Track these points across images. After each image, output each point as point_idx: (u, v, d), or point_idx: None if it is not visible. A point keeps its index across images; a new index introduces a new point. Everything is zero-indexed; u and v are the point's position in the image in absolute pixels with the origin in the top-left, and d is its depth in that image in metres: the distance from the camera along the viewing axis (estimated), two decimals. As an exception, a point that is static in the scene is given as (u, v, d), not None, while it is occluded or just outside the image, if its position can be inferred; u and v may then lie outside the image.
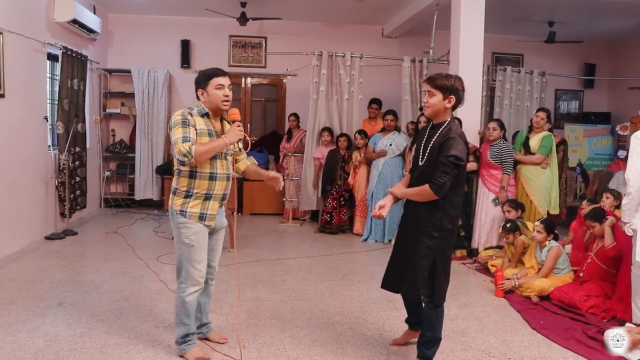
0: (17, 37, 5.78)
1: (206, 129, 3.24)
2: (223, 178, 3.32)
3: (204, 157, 3.14)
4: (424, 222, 3.17)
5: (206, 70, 3.29)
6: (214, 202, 3.32)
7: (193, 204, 3.27)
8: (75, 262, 5.64)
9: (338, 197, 7.48)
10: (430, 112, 3.23)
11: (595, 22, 8.83)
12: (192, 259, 3.29)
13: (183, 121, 3.17)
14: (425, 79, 3.29)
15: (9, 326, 3.82)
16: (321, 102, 7.81)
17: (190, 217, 3.26)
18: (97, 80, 8.72)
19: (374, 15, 9.02)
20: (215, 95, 3.22)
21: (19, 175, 5.89)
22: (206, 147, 3.13)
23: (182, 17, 9.21)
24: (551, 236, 4.94)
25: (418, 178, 3.22)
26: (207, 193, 3.28)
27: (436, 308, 3.28)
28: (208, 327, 3.68)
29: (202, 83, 3.25)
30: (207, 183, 3.27)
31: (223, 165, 3.32)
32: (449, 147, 3.06)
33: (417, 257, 3.18)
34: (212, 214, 3.32)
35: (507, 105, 8.26)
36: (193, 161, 3.09)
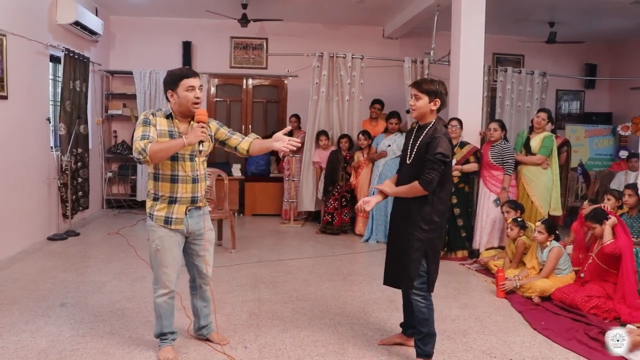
0: (20, 40, 5.81)
1: (167, 130, 3.17)
2: (186, 180, 3.21)
3: (159, 155, 3.04)
4: (414, 216, 3.34)
5: (175, 70, 3.21)
6: (179, 205, 3.22)
7: (159, 207, 3.22)
8: (77, 263, 5.66)
9: (340, 197, 7.49)
10: (417, 114, 3.43)
11: (596, 22, 8.83)
12: (159, 262, 3.25)
13: (144, 121, 3.13)
14: (412, 84, 3.50)
15: (12, 326, 3.84)
16: (322, 103, 7.82)
17: (156, 220, 3.22)
18: (99, 82, 8.75)
19: (375, 16, 9.03)
20: (185, 97, 3.13)
21: (21, 176, 5.91)
22: (160, 146, 3.04)
23: (183, 18, 9.23)
24: (552, 237, 4.94)
25: (406, 176, 3.42)
26: (171, 196, 3.20)
27: (427, 301, 3.38)
28: (208, 328, 3.66)
29: (171, 84, 3.15)
30: (169, 185, 3.19)
31: (186, 167, 3.20)
32: (435, 146, 3.26)
33: (409, 250, 3.34)
34: (177, 217, 3.22)
35: (508, 105, 8.26)
36: (148, 159, 3.00)
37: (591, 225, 4.67)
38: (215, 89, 9.69)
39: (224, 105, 9.76)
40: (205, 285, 3.52)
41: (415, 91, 3.40)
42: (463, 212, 6.26)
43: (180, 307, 4.07)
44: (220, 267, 5.62)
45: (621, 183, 7.25)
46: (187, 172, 3.20)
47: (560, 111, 10.48)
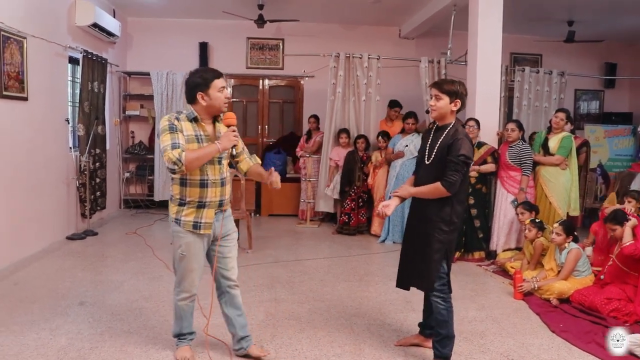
0: (40, 42, 5.87)
1: (194, 135, 3.08)
2: (216, 184, 3.15)
3: (195, 164, 2.99)
4: (434, 218, 3.32)
5: (204, 72, 3.13)
6: (208, 210, 3.16)
7: (186, 212, 3.13)
8: (95, 262, 5.71)
9: (356, 198, 7.48)
10: (437, 114, 3.40)
11: (616, 21, 8.72)
12: (184, 268, 3.21)
13: (170, 127, 3.02)
14: (432, 84, 3.47)
15: (32, 324, 3.89)
16: (338, 104, 7.82)
17: (184, 226, 3.14)
18: (117, 83, 8.82)
19: (391, 17, 9.01)
20: (218, 98, 3.08)
21: (41, 177, 5.98)
22: (196, 153, 2.98)
23: (200, 19, 9.28)
24: (570, 238, 4.89)
25: (425, 177, 3.40)
26: (200, 201, 3.13)
27: (447, 303, 3.37)
28: (247, 340, 3.46)
29: (202, 86, 3.06)
30: (198, 190, 3.11)
31: (215, 170, 3.15)
32: (458, 148, 3.24)
33: (430, 252, 3.33)
34: (207, 222, 3.16)
35: (525, 106, 8.19)
36: (184, 169, 2.93)
37: (611, 227, 4.61)
38: (231, 89, 9.72)
39: (240, 105, 9.79)
40: (233, 290, 3.39)
41: (435, 91, 3.37)
42: (480, 213, 6.22)
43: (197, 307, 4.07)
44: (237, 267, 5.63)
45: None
46: (216, 176, 3.14)
47: (579, 111, 10.37)
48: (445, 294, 3.37)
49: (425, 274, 3.36)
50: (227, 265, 3.35)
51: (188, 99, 3.14)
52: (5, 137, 5.25)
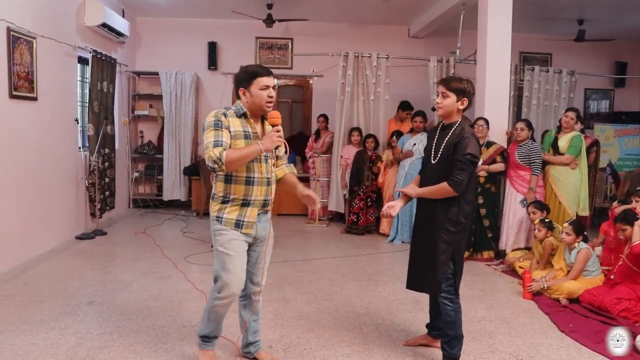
0: (49, 42, 5.90)
1: (242, 131, 2.98)
2: (262, 182, 3.05)
3: (236, 164, 2.89)
4: (440, 218, 3.28)
5: (249, 67, 3.03)
6: (252, 208, 3.05)
7: (230, 210, 3.03)
8: (104, 262, 5.74)
9: (365, 197, 7.47)
10: (443, 112, 3.35)
11: (627, 20, 8.66)
12: (226, 267, 3.04)
13: (216, 123, 2.93)
14: (439, 81, 3.43)
15: (41, 323, 3.91)
16: (347, 103, 7.82)
17: (226, 223, 3.03)
18: (126, 83, 8.85)
19: (400, 16, 8.98)
20: (259, 96, 2.97)
21: (50, 177, 6.01)
22: (238, 153, 2.87)
23: (208, 19, 9.29)
24: (580, 238, 4.86)
25: (430, 177, 3.36)
26: (245, 199, 3.03)
27: (455, 304, 3.33)
28: (256, 345, 3.42)
29: (244, 82, 2.98)
30: (243, 188, 3.01)
31: (262, 168, 3.05)
32: (464, 146, 3.20)
33: (436, 253, 3.29)
34: (249, 221, 3.05)
35: (535, 105, 8.15)
36: (224, 168, 2.84)
37: (621, 227, 4.58)
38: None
39: (248, 105, 9.78)
40: (256, 296, 3.28)
41: (442, 89, 3.32)
42: (489, 212, 6.19)
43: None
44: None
45: (652, 183, 7.10)
46: (262, 174, 3.05)
47: (588, 110, 10.31)
48: (452, 295, 3.33)
49: (431, 276, 3.32)
50: (259, 271, 3.23)
51: (237, 94, 3.07)
52: (15, 137, 5.28)
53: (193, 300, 4.52)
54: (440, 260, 3.28)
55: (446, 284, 3.31)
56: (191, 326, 3.95)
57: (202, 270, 5.47)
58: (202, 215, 8.53)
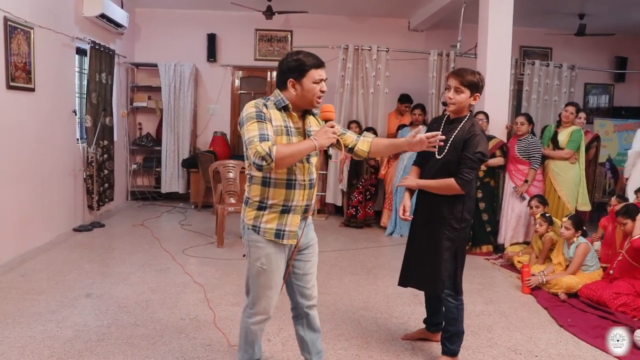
0: (47, 32, 5.86)
1: (283, 126, 2.60)
2: (304, 186, 2.67)
3: (287, 161, 2.50)
4: (445, 215, 3.17)
5: (302, 57, 2.61)
6: (293, 215, 2.66)
7: (268, 218, 2.64)
8: (102, 254, 5.72)
9: (364, 191, 7.45)
10: (455, 108, 3.19)
11: (628, 14, 8.63)
12: (262, 284, 2.71)
13: (258, 115, 2.54)
14: (452, 74, 3.20)
15: (39, 316, 3.90)
16: (347, 96, 7.79)
17: (265, 234, 2.65)
18: (125, 74, 8.81)
19: (400, 8, 8.94)
20: (312, 90, 2.59)
21: (48, 168, 5.98)
22: (290, 149, 2.48)
23: (208, 11, 9.24)
24: (579, 232, 4.86)
25: (434, 171, 3.22)
26: (285, 205, 2.64)
27: (457, 301, 3.27)
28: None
29: (295, 73, 2.59)
30: (284, 192, 2.62)
31: (304, 170, 2.66)
32: (476, 144, 3.08)
33: (440, 250, 3.19)
34: (291, 230, 2.67)
35: (534, 99, 8.14)
36: (273, 166, 2.43)
37: (622, 221, 4.58)
38: (239, 81, 9.69)
39: (248, 97, 9.74)
40: (312, 310, 2.93)
41: (456, 83, 3.13)
42: (488, 206, 6.19)
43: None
44: (243, 259, 5.63)
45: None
46: (304, 177, 2.66)
47: (588, 105, 10.28)
48: (455, 292, 3.26)
49: (435, 275, 3.21)
50: (308, 283, 2.88)
51: (278, 83, 2.69)
52: (12, 129, 5.25)
53: (191, 293, 4.51)
54: (444, 258, 3.18)
55: (449, 281, 3.23)
56: (189, 319, 3.94)
57: (200, 263, 5.46)
58: (200, 208, 8.52)
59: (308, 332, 2.95)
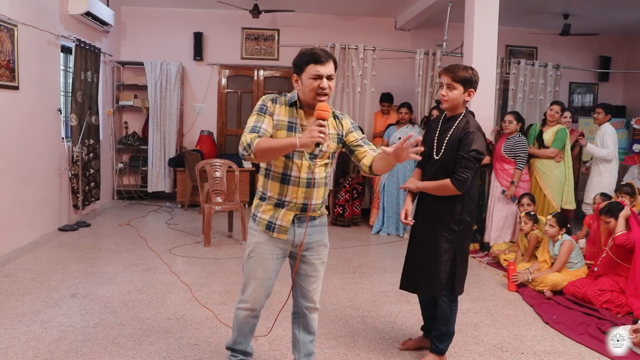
0: (31, 30, 5.80)
1: (286, 121, 2.63)
2: (300, 183, 2.65)
3: (266, 154, 2.53)
4: (443, 216, 3.12)
5: (306, 51, 2.62)
6: (286, 211, 2.68)
7: (264, 209, 2.72)
8: (88, 254, 5.68)
9: (351, 189, 7.47)
10: (448, 105, 3.14)
11: (611, 14, 8.72)
12: (249, 273, 2.77)
13: (260, 108, 2.64)
14: (444, 71, 3.13)
15: (23, 316, 3.86)
16: (333, 95, 7.78)
17: (259, 223, 2.73)
18: (110, 73, 8.75)
19: (387, 8, 8.96)
20: (309, 85, 2.57)
21: (32, 167, 5.93)
22: (269, 143, 2.50)
23: (194, 9, 9.20)
24: (564, 230, 4.91)
25: (433, 172, 3.17)
26: (279, 199, 2.68)
27: (452, 303, 3.25)
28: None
29: (297, 68, 2.62)
30: (278, 186, 2.66)
31: (301, 167, 2.64)
32: (469, 142, 3.02)
33: (438, 252, 3.14)
34: (282, 225, 2.69)
35: (520, 98, 8.19)
36: (252, 157, 2.50)
37: (606, 219, 4.62)
38: (226, 80, 9.66)
39: (235, 96, 9.74)
40: (311, 313, 2.94)
41: (448, 80, 3.08)
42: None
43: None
44: (231, 258, 5.62)
45: (634, 176, 7.19)
46: (301, 174, 2.64)
47: (573, 104, 10.37)
48: (451, 293, 3.22)
49: (433, 278, 3.16)
50: (310, 285, 2.87)
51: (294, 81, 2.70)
52: (-3, 127, 5.20)
53: (178, 293, 4.49)
54: (442, 261, 3.13)
55: (447, 283, 3.18)
56: (176, 319, 3.92)
57: (187, 262, 5.43)
58: (187, 207, 8.48)
59: (302, 333, 2.98)
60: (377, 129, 7.80)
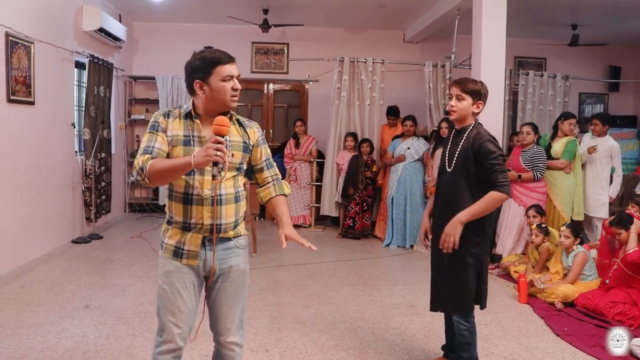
0: (47, 47, 5.91)
1: (182, 136, 2.34)
2: (202, 202, 2.32)
3: (161, 178, 2.26)
4: (467, 230, 3.01)
5: (206, 54, 2.39)
6: (193, 234, 2.36)
7: (171, 233, 2.40)
8: (100, 266, 5.74)
9: (361, 202, 7.48)
10: (457, 116, 3.16)
11: (621, 24, 8.71)
12: (163, 305, 2.39)
13: (152, 126, 2.37)
14: (454, 82, 3.19)
15: (38, 327, 3.92)
16: (343, 108, 7.83)
17: (165, 250, 2.40)
18: (122, 87, 8.87)
19: (396, 21, 9.03)
20: (221, 89, 2.32)
21: (47, 181, 6.01)
22: (162, 165, 2.23)
23: (205, 24, 9.31)
24: (578, 240, 4.88)
25: (448, 186, 3.16)
26: (184, 221, 2.36)
27: (468, 323, 3.15)
28: None
29: (200, 72, 2.33)
30: (181, 208, 2.35)
31: (203, 183, 2.32)
32: (489, 149, 3.01)
33: (465, 268, 3.08)
34: (189, 250, 2.36)
35: (529, 109, 8.19)
36: (147, 181, 2.25)
37: (616, 231, 4.60)
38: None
39: (245, 110, 9.81)
40: (225, 349, 2.52)
41: (457, 91, 3.12)
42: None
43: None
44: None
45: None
46: (204, 191, 2.32)
47: (583, 114, 10.35)
48: (467, 314, 3.15)
49: (459, 294, 3.10)
50: (221, 315, 2.48)
51: (188, 89, 2.42)
52: (12, 141, 5.29)
53: (189, 304, 4.52)
54: (470, 276, 3.08)
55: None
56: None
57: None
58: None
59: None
60: (385, 143, 7.80)
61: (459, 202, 3.06)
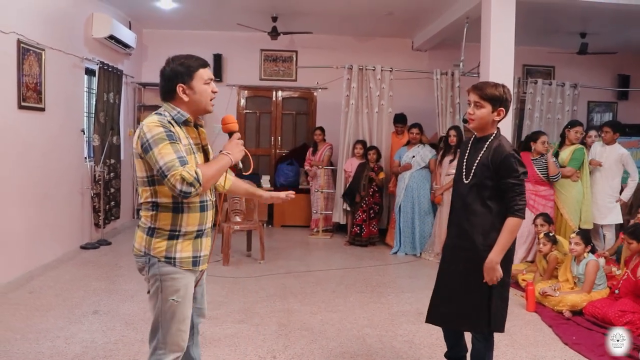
0: (58, 53, 5.97)
1: (189, 144, 2.36)
2: (212, 206, 2.48)
3: (211, 184, 2.30)
4: (480, 246, 2.85)
5: (185, 58, 2.41)
6: (206, 238, 2.46)
7: (182, 246, 2.35)
8: (109, 272, 5.76)
9: (368, 209, 7.48)
10: (476, 125, 2.91)
11: (629, 33, 8.70)
12: (176, 318, 2.38)
13: (169, 135, 2.24)
14: (472, 88, 2.92)
15: (47, 332, 3.94)
16: (351, 115, 7.85)
17: (182, 264, 2.36)
18: (132, 94, 8.93)
19: (404, 29, 9.05)
20: (204, 92, 2.39)
21: (56, 186, 6.05)
22: (211, 169, 2.28)
23: (214, 31, 9.37)
24: (589, 247, 4.85)
25: (463, 197, 2.95)
26: (199, 229, 2.39)
27: (486, 340, 3.01)
28: None
29: (183, 76, 2.35)
30: (198, 217, 2.37)
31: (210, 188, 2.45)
32: (512, 166, 2.79)
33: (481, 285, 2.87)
34: (205, 255, 2.46)
35: (537, 117, 8.18)
36: (200, 191, 2.22)
37: (628, 240, 4.57)
38: (245, 101, 9.79)
39: (253, 117, 9.85)
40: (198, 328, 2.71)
41: (476, 97, 2.86)
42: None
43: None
44: (249, 277, 5.67)
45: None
46: (212, 196, 2.49)
47: (592, 123, 10.32)
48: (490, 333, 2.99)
49: (476, 313, 2.90)
50: (205, 303, 2.69)
51: (164, 96, 2.43)
52: (22, 147, 5.34)
53: (197, 311, 4.53)
54: (494, 294, 2.89)
55: None
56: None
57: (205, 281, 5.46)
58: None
59: (196, 349, 2.66)
60: (393, 149, 7.83)
61: (473, 215, 2.90)
